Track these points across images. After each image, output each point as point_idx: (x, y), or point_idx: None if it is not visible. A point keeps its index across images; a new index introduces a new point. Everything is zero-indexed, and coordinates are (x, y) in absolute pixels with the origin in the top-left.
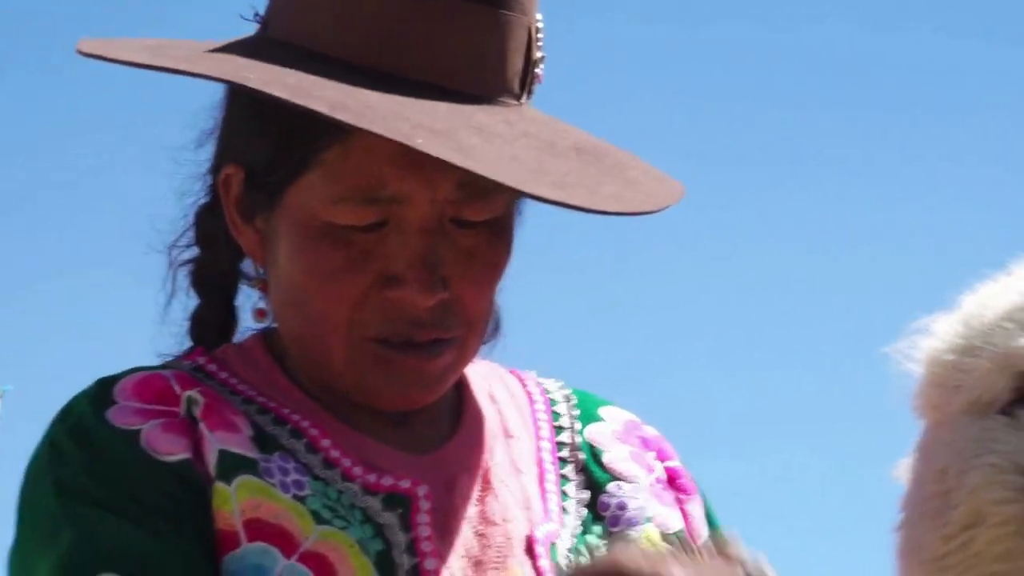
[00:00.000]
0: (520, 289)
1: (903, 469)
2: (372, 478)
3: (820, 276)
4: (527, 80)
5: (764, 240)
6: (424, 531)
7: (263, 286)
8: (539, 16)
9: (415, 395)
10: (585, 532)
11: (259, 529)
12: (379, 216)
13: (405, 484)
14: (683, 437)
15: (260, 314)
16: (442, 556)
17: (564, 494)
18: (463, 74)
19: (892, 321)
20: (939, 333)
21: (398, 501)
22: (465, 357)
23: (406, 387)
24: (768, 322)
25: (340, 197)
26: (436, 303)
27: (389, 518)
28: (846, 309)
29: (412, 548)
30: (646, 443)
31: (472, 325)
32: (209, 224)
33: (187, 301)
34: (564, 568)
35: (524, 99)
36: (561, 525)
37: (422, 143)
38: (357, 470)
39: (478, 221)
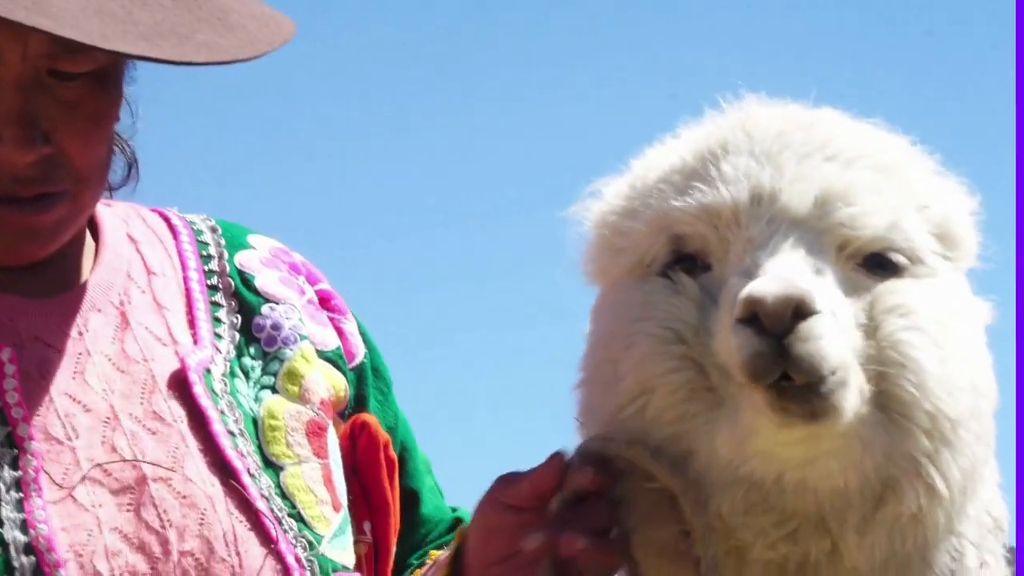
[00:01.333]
0: (169, 127)
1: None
2: None
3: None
4: None
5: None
6: (12, 397)
7: None
8: None
9: (26, 249)
10: (240, 355)
11: None
12: None
13: None
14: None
15: None
16: (49, 407)
17: (217, 320)
18: None
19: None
20: (607, 196)
21: None
22: (81, 210)
23: (15, 242)
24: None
25: None
26: (37, 158)
27: None
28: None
29: (3, 416)
30: (295, 268)
31: (83, 178)
32: None
33: None
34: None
35: None
36: (215, 351)
37: None
38: None
39: (79, 72)
